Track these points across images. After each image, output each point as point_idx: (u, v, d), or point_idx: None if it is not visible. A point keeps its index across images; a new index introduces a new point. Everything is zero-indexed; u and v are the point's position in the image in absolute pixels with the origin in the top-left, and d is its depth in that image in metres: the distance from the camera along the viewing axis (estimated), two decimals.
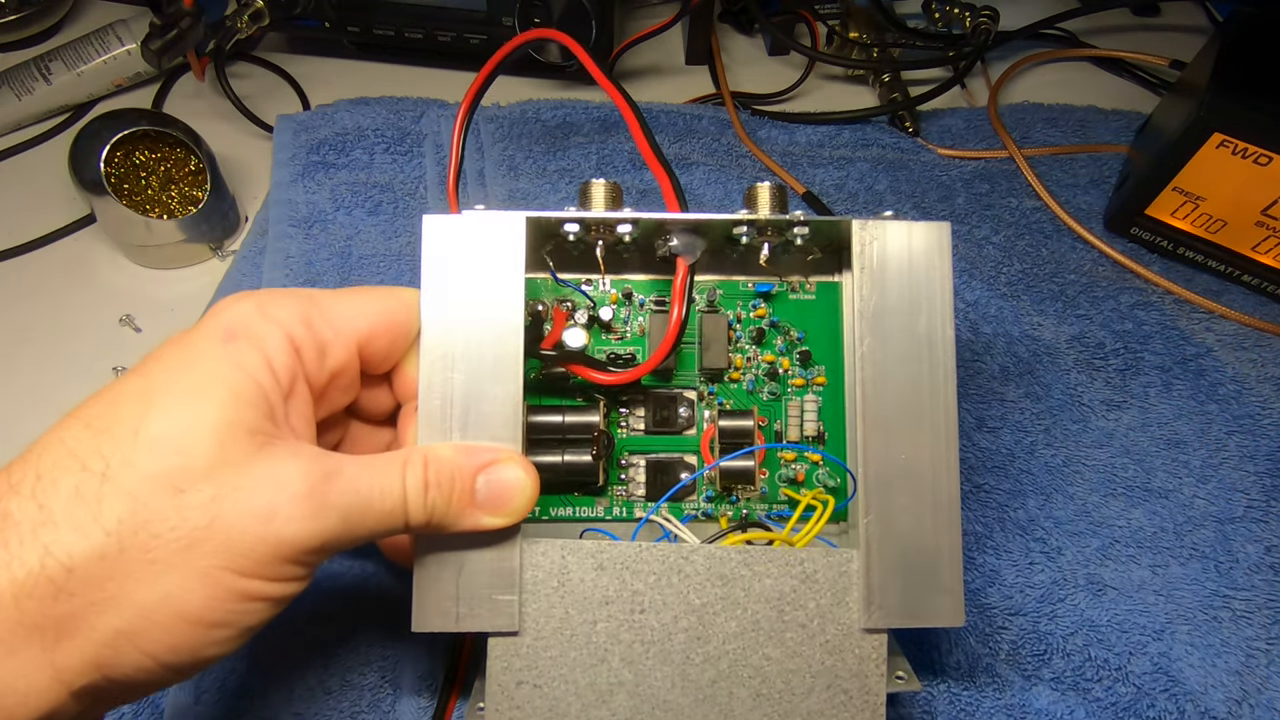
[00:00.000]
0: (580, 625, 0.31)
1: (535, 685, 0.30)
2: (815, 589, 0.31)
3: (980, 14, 0.62)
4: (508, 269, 0.31)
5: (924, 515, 0.31)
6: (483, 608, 0.30)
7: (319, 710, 0.36)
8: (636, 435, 0.37)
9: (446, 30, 0.60)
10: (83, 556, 0.23)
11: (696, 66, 0.66)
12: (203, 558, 0.24)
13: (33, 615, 0.22)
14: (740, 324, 0.37)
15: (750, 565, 0.31)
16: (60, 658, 0.23)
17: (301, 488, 0.25)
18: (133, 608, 0.23)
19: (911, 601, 0.31)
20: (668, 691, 0.30)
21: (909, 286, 0.32)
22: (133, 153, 0.50)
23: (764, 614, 0.31)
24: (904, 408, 0.32)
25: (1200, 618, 0.39)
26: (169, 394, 0.25)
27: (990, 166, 0.57)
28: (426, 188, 0.54)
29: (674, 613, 0.31)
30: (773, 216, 0.33)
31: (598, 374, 0.34)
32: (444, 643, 0.37)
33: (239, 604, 0.24)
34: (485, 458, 0.29)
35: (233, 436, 0.24)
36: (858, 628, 0.31)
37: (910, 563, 0.31)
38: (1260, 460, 0.43)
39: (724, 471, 0.35)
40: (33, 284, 0.52)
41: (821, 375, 0.37)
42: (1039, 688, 0.37)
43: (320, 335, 0.28)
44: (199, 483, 0.24)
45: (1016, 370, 0.47)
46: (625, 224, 0.33)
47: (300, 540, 0.25)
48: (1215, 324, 0.49)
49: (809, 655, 0.31)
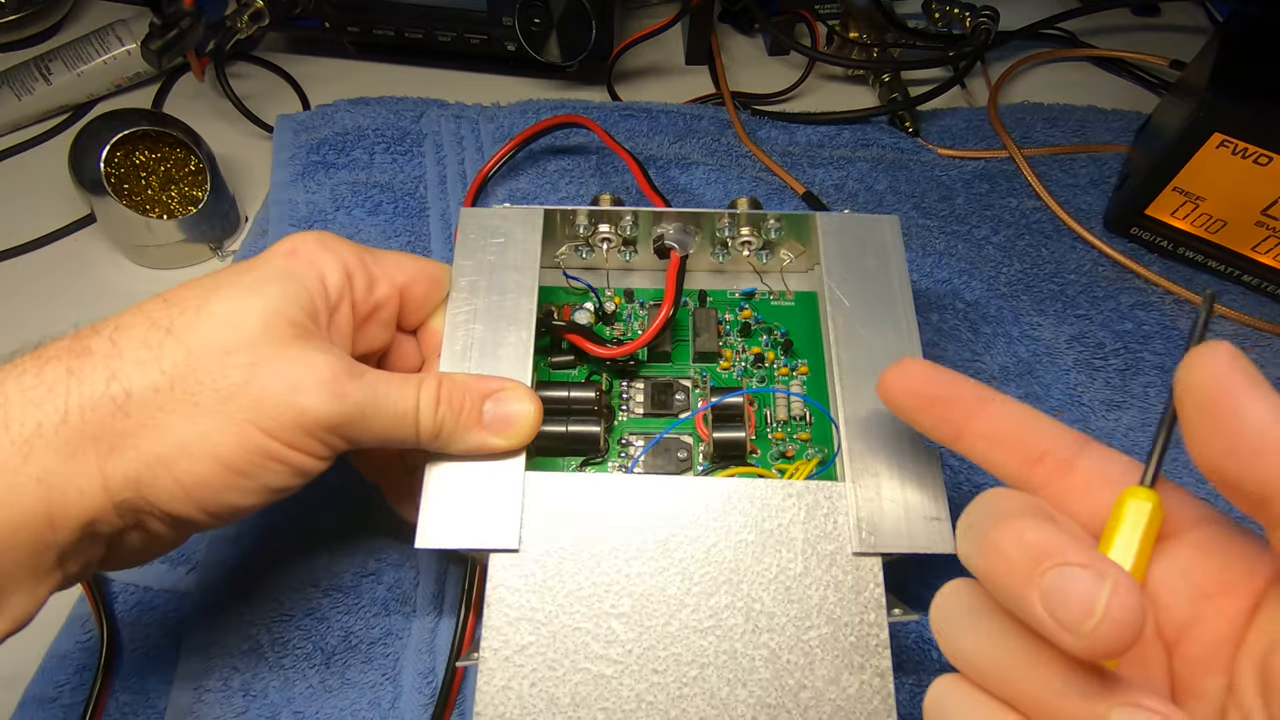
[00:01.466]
0: (579, 553, 0.31)
1: (533, 613, 0.31)
2: (808, 518, 0.32)
3: (980, 14, 0.62)
4: (527, 250, 0.37)
5: (904, 455, 0.33)
6: (485, 525, 0.31)
7: (319, 708, 0.36)
8: (635, 418, 0.39)
9: (446, 30, 0.60)
10: (140, 386, 0.27)
11: (696, 66, 0.66)
12: (237, 410, 0.28)
13: (94, 426, 0.26)
14: (728, 323, 0.41)
15: (745, 496, 0.32)
16: (109, 467, 0.27)
17: (326, 373, 0.29)
18: (174, 438, 0.27)
19: (901, 529, 0.32)
20: (665, 623, 0.31)
21: (870, 267, 0.38)
22: (133, 153, 0.50)
23: (759, 544, 0.32)
24: (876, 370, 0.34)
25: None
26: (231, 285, 0.30)
27: (990, 166, 0.57)
28: (426, 187, 0.54)
29: (670, 544, 0.32)
30: (750, 211, 0.39)
31: (596, 346, 0.38)
32: (444, 642, 0.38)
33: (262, 459, 0.28)
34: (495, 385, 0.33)
35: (278, 323, 0.29)
36: (850, 553, 0.32)
37: (896, 496, 0.33)
38: None
39: (718, 443, 0.36)
40: (33, 284, 0.52)
41: (805, 366, 0.40)
42: None
43: (371, 270, 0.33)
44: (243, 350, 0.28)
45: (1016, 370, 0.47)
46: (626, 218, 0.40)
47: (320, 415, 0.28)
48: (1215, 324, 0.49)
49: (806, 585, 0.31)
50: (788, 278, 0.43)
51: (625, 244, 0.41)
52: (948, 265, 0.51)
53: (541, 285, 0.37)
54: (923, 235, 0.53)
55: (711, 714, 0.29)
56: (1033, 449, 0.27)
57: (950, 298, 0.50)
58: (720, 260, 0.42)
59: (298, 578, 0.39)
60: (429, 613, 0.38)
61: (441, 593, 0.39)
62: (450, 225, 0.52)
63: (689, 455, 0.37)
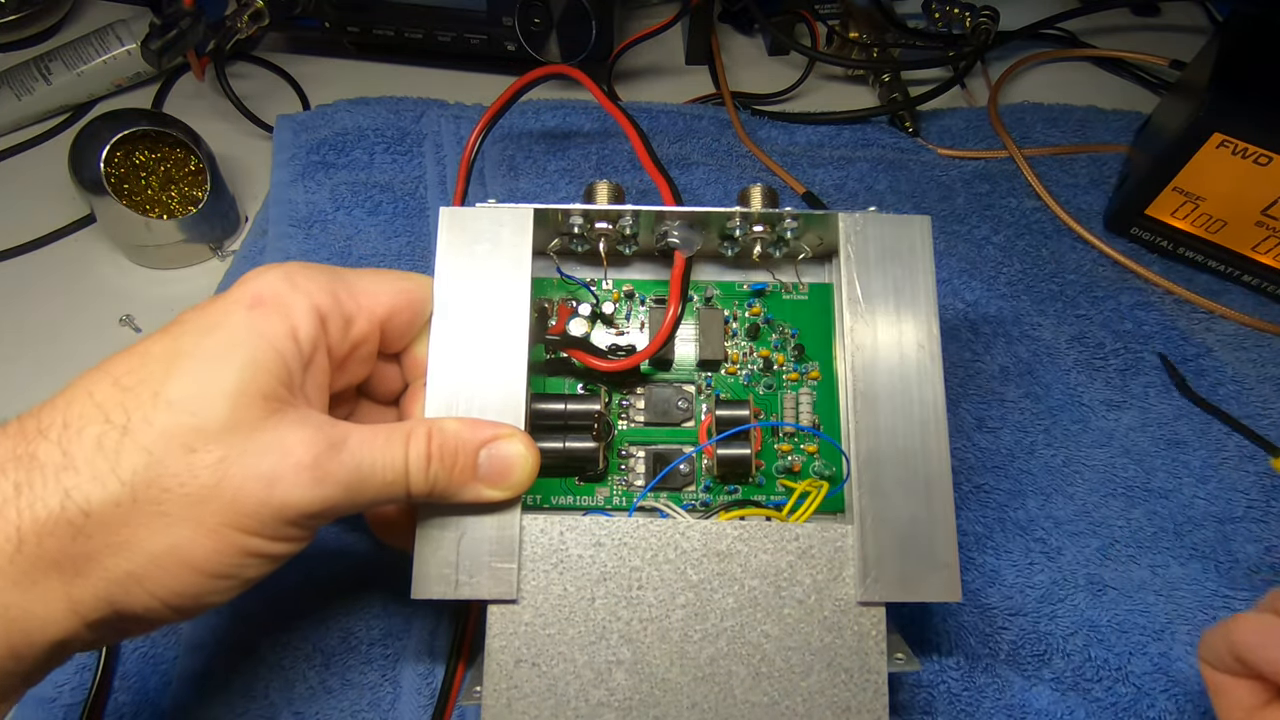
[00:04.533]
0: (578, 601, 0.31)
1: (534, 664, 0.30)
2: (811, 564, 0.31)
3: (980, 14, 0.62)
4: (516, 257, 0.33)
5: (917, 493, 0.32)
6: (482, 575, 0.30)
7: (319, 709, 0.36)
8: (636, 427, 0.37)
9: (446, 30, 0.60)
10: (99, 503, 0.24)
11: (696, 66, 0.66)
12: (209, 515, 0.25)
13: (52, 552, 0.24)
14: (736, 321, 0.38)
15: (746, 541, 0.31)
16: (76, 592, 0.24)
17: (305, 457, 0.26)
18: (143, 554, 0.25)
19: (907, 575, 0.31)
20: (666, 669, 0.30)
21: (894, 275, 0.34)
22: (133, 153, 0.50)
23: (761, 590, 0.31)
24: (892, 389, 0.33)
25: (1200, 618, 0.39)
26: (191, 357, 0.26)
27: (990, 166, 0.57)
28: (426, 187, 0.54)
29: (672, 589, 0.31)
30: (765, 210, 0.35)
31: (597, 360, 0.35)
32: (443, 643, 0.38)
33: (241, 558, 0.26)
34: (488, 432, 0.30)
35: (246, 402, 0.26)
36: (854, 602, 0.31)
37: (904, 538, 0.31)
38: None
39: (721, 460, 0.35)
40: (33, 284, 0.52)
41: (816, 370, 0.38)
42: (1039, 688, 0.37)
43: (345, 307, 0.30)
44: (210, 444, 0.25)
45: (1016, 370, 0.47)
46: (626, 217, 0.35)
47: (301, 506, 0.26)
48: (1215, 324, 0.49)
49: (807, 632, 0.31)
50: (801, 269, 0.39)
51: (624, 239, 0.38)
52: (948, 265, 0.51)
53: (534, 277, 0.33)
54: None
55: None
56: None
57: (950, 297, 0.50)
58: (730, 254, 0.38)
59: (297, 578, 0.39)
60: (429, 614, 0.38)
61: None
62: None
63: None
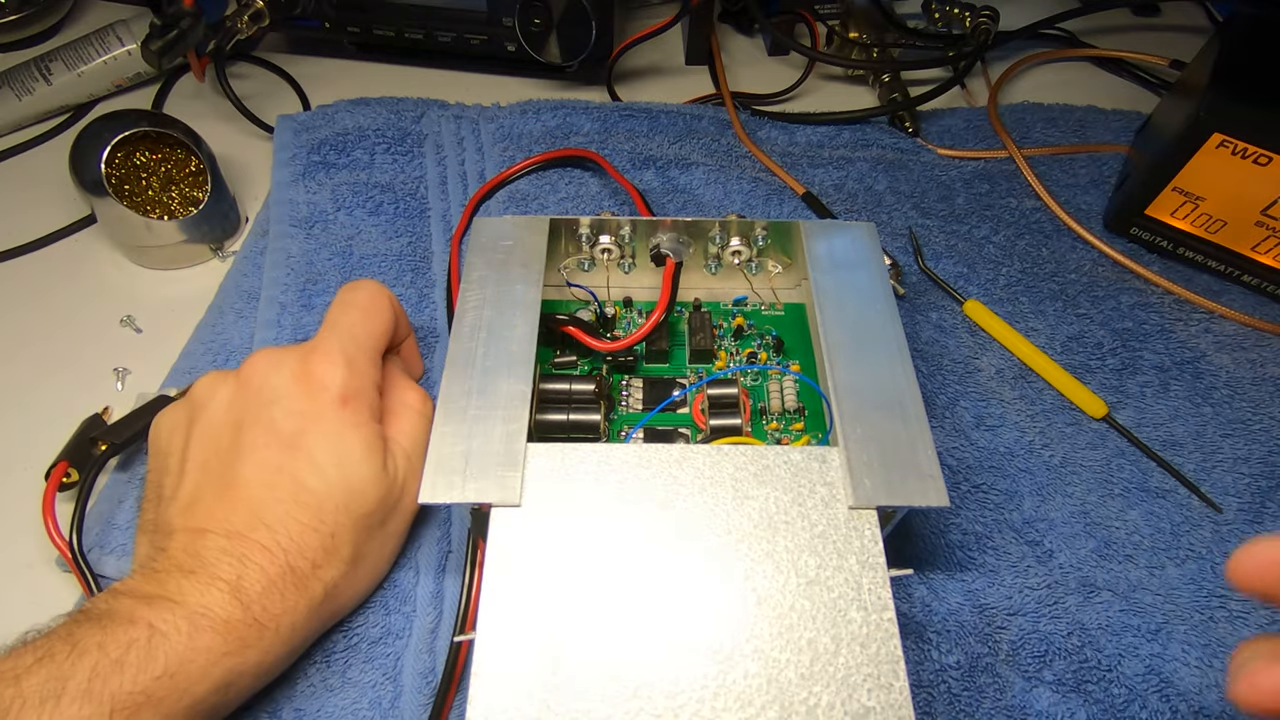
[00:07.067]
0: (580, 515, 0.32)
1: (532, 564, 0.31)
2: (803, 479, 0.33)
3: (980, 14, 0.62)
4: (534, 249, 0.41)
5: (894, 419, 0.35)
6: (488, 481, 0.32)
7: (320, 706, 0.36)
8: (634, 412, 0.41)
9: (446, 30, 0.60)
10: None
11: (696, 66, 0.66)
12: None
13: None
14: (722, 328, 0.44)
15: (742, 464, 0.33)
16: None
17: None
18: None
19: (893, 483, 0.33)
20: (665, 583, 0.31)
21: (850, 260, 0.41)
22: (133, 153, 0.50)
23: (758, 504, 0.33)
24: (859, 337, 0.37)
25: (1197, 618, 0.39)
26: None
27: (990, 166, 0.57)
28: (427, 188, 0.54)
29: (671, 502, 0.32)
30: (738, 219, 0.43)
31: (594, 340, 0.40)
32: (444, 643, 0.38)
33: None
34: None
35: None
36: (845, 508, 0.33)
37: (887, 452, 0.34)
38: (1254, 463, 0.44)
39: (714, 429, 0.38)
40: (33, 284, 0.52)
41: (796, 365, 0.42)
42: (1039, 689, 0.37)
43: (377, 361, 0.38)
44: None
45: (1015, 370, 0.47)
46: (625, 226, 0.43)
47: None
48: (1215, 324, 0.49)
49: (804, 542, 0.32)
50: (777, 291, 0.45)
51: (624, 256, 0.44)
52: (947, 265, 0.51)
53: (546, 299, 0.39)
54: (923, 235, 0.53)
55: (713, 670, 0.29)
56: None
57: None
58: (714, 272, 0.45)
59: None
60: (429, 613, 0.38)
61: (441, 593, 0.39)
62: (451, 226, 0.52)
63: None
